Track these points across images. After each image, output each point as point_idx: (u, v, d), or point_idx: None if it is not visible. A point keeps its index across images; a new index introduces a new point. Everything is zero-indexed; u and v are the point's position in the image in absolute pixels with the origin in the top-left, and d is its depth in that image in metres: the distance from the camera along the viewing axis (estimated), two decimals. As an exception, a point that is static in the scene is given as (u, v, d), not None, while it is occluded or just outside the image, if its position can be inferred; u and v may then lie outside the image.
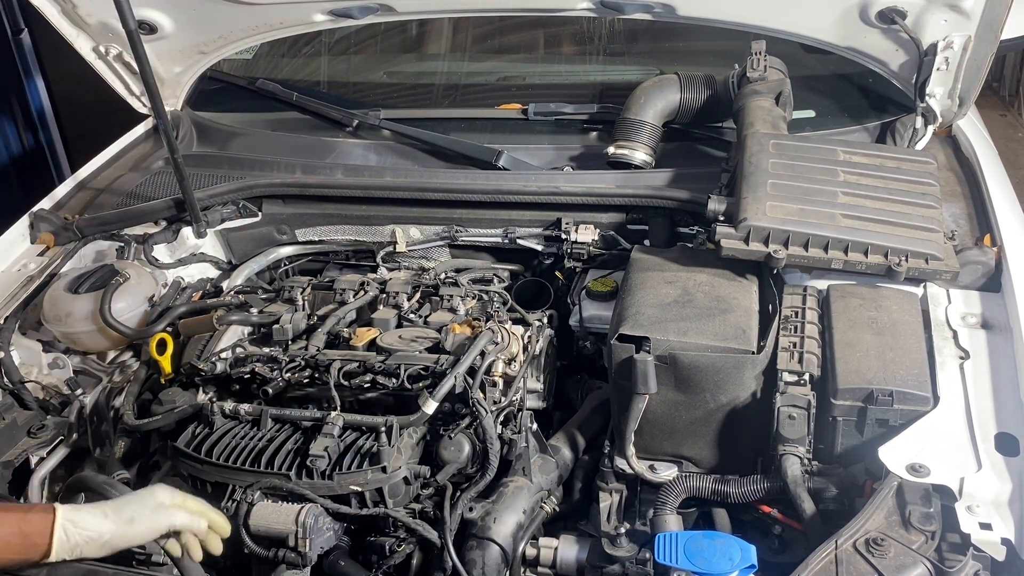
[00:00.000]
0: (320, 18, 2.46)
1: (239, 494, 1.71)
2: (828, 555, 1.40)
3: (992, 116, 5.95)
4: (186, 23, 2.48)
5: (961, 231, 2.06)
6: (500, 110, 2.66)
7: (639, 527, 1.74)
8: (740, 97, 2.29)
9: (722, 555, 1.48)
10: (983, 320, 1.84)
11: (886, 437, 1.59)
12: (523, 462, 1.82)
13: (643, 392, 1.70)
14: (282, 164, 2.51)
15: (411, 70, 3.02)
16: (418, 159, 2.56)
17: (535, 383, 2.00)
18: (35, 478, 1.97)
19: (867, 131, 2.43)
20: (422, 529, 1.70)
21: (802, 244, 1.85)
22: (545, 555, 1.75)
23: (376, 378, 1.86)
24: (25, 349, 2.14)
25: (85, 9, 2.43)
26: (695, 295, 1.84)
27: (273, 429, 1.84)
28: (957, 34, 2.16)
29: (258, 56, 2.96)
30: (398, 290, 2.16)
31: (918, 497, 1.48)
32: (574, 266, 2.31)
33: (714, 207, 1.96)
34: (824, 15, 2.26)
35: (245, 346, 2.02)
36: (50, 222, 2.39)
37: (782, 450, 1.66)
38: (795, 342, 1.76)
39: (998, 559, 1.41)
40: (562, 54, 2.97)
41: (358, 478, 1.70)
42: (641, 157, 2.36)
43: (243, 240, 2.54)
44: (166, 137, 2.20)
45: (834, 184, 1.96)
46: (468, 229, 2.40)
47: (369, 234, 2.47)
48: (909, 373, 1.66)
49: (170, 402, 1.94)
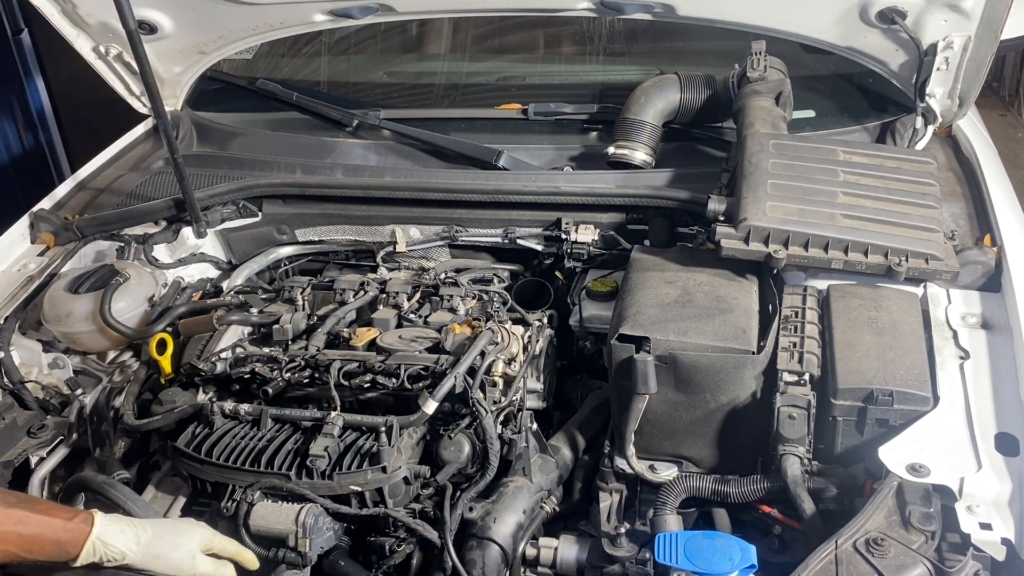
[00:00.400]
0: (320, 18, 2.46)
1: (239, 494, 1.71)
2: (828, 555, 1.40)
3: (992, 116, 5.95)
4: (186, 23, 2.48)
5: (961, 231, 2.06)
6: (500, 110, 2.66)
7: (639, 527, 1.74)
8: (740, 97, 2.29)
9: (722, 555, 1.48)
10: (983, 320, 1.84)
11: (886, 437, 1.59)
12: (523, 462, 1.82)
13: (643, 392, 1.70)
14: (282, 164, 2.51)
15: (411, 70, 3.02)
16: (418, 159, 2.56)
17: (535, 383, 2.00)
18: (35, 478, 1.97)
19: (867, 131, 2.43)
20: (422, 529, 1.70)
21: (802, 244, 1.85)
22: (545, 555, 1.75)
23: (376, 378, 1.86)
24: (25, 349, 2.14)
25: (85, 9, 2.43)
26: (695, 295, 1.84)
27: (273, 429, 1.84)
28: (957, 34, 2.16)
29: (258, 56, 2.96)
30: (398, 290, 2.16)
31: (918, 497, 1.48)
32: (574, 266, 2.31)
33: (714, 207, 1.96)
34: (824, 15, 2.26)
35: (245, 346, 2.02)
36: (50, 222, 2.39)
37: (782, 450, 1.66)
38: (795, 342, 1.76)
39: (998, 559, 1.41)
40: (562, 54, 2.97)
41: (358, 478, 1.70)
42: (641, 157, 2.36)
43: (243, 240, 2.54)
44: (166, 137, 2.19)
45: (834, 184, 1.96)
46: (468, 229, 2.40)
47: (369, 234, 2.47)
48: (909, 373, 1.66)
49: (170, 402, 1.94)
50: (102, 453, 2.00)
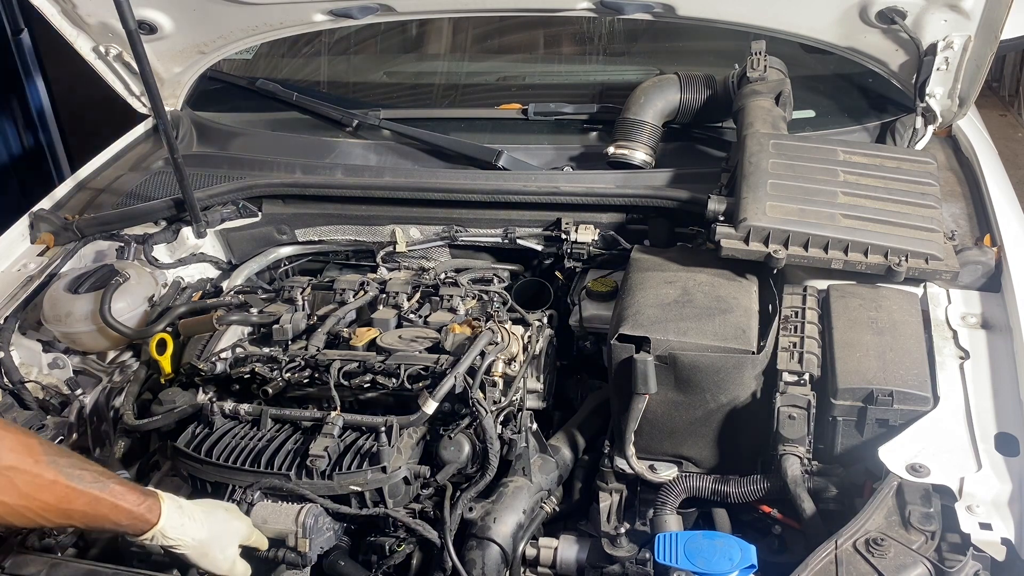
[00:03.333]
0: (320, 18, 2.46)
1: (239, 494, 1.71)
2: (828, 555, 1.40)
3: (992, 116, 5.95)
4: (186, 23, 2.48)
5: (961, 231, 2.06)
6: (500, 110, 2.66)
7: (639, 527, 1.74)
8: (740, 97, 2.29)
9: (722, 555, 1.48)
10: (983, 320, 1.84)
11: (886, 437, 1.59)
12: (523, 462, 1.82)
13: (643, 392, 1.70)
14: (282, 164, 2.51)
15: (411, 70, 3.02)
16: (418, 159, 2.56)
17: (535, 383, 2.00)
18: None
19: (867, 131, 2.43)
20: (422, 529, 1.70)
21: (802, 244, 1.85)
22: (545, 555, 1.75)
23: (376, 378, 1.86)
24: (25, 349, 2.14)
25: (85, 9, 2.43)
26: (695, 295, 1.84)
27: (273, 429, 1.84)
28: (957, 34, 2.16)
29: (258, 56, 2.96)
30: (398, 290, 2.16)
31: (918, 497, 1.48)
32: (574, 266, 2.31)
33: (714, 207, 1.96)
34: (824, 15, 2.26)
35: (245, 346, 2.02)
36: (50, 222, 2.39)
37: (782, 450, 1.65)
38: (795, 342, 1.76)
39: (998, 559, 1.41)
40: (562, 54, 2.97)
41: (358, 478, 1.70)
42: (641, 157, 2.36)
43: (243, 240, 2.54)
44: (166, 137, 2.20)
45: (834, 184, 1.96)
46: (468, 229, 2.40)
47: (369, 234, 2.47)
48: (909, 373, 1.65)
49: (170, 402, 1.94)
50: (102, 453, 2.00)
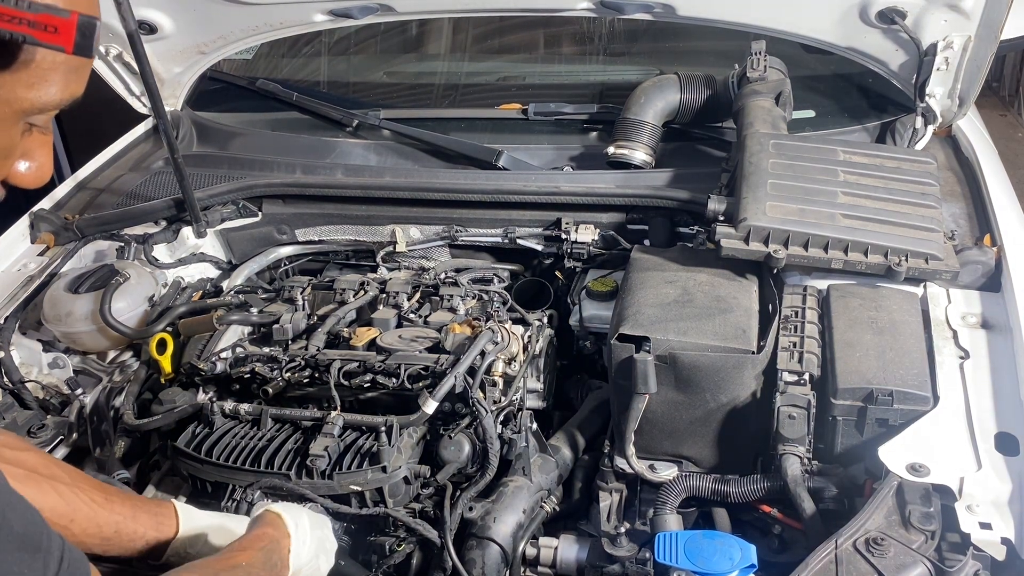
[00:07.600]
0: (320, 18, 2.46)
1: (239, 494, 1.72)
2: (828, 555, 1.40)
3: (992, 116, 5.95)
4: (186, 23, 2.48)
5: (961, 231, 2.05)
6: (500, 110, 2.66)
7: (639, 527, 1.74)
8: (740, 97, 2.29)
9: (722, 555, 1.48)
10: (983, 320, 1.83)
11: (886, 437, 1.59)
12: (523, 462, 1.82)
13: (643, 392, 1.70)
14: (282, 164, 2.51)
15: (411, 70, 3.02)
16: (418, 159, 2.56)
17: (535, 383, 2.00)
18: (35, 478, 1.97)
19: (867, 131, 2.43)
20: (422, 529, 1.70)
21: (802, 244, 1.85)
22: (545, 555, 1.75)
23: (376, 378, 1.86)
24: (25, 349, 2.13)
25: (85, 9, 2.42)
26: (695, 295, 1.84)
27: (273, 429, 1.84)
28: (957, 34, 2.16)
29: (258, 56, 2.96)
30: (398, 290, 2.16)
31: (918, 497, 1.47)
32: (574, 266, 2.30)
33: (714, 207, 1.96)
34: (824, 15, 2.26)
35: (245, 346, 2.02)
36: (50, 222, 2.39)
37: (782, 450, 1.65)
38: (795, 342, 1.76)
39: (998, 559, 1.41)
40: (562, 54, 2.97)
41: (358, 478, 1.70)
42: (641, 157, 2.36)
43: (243, 240, 2.54)
44: (166, 137, 2.19)
45: (834, 184, 1.96)
46: (468, 229, 2.40)
47: (369, 234, 2.47)
48: (909, 373, 1.65)
49: (170, 402, 1.94)
50: (102, 453, 2.00)
